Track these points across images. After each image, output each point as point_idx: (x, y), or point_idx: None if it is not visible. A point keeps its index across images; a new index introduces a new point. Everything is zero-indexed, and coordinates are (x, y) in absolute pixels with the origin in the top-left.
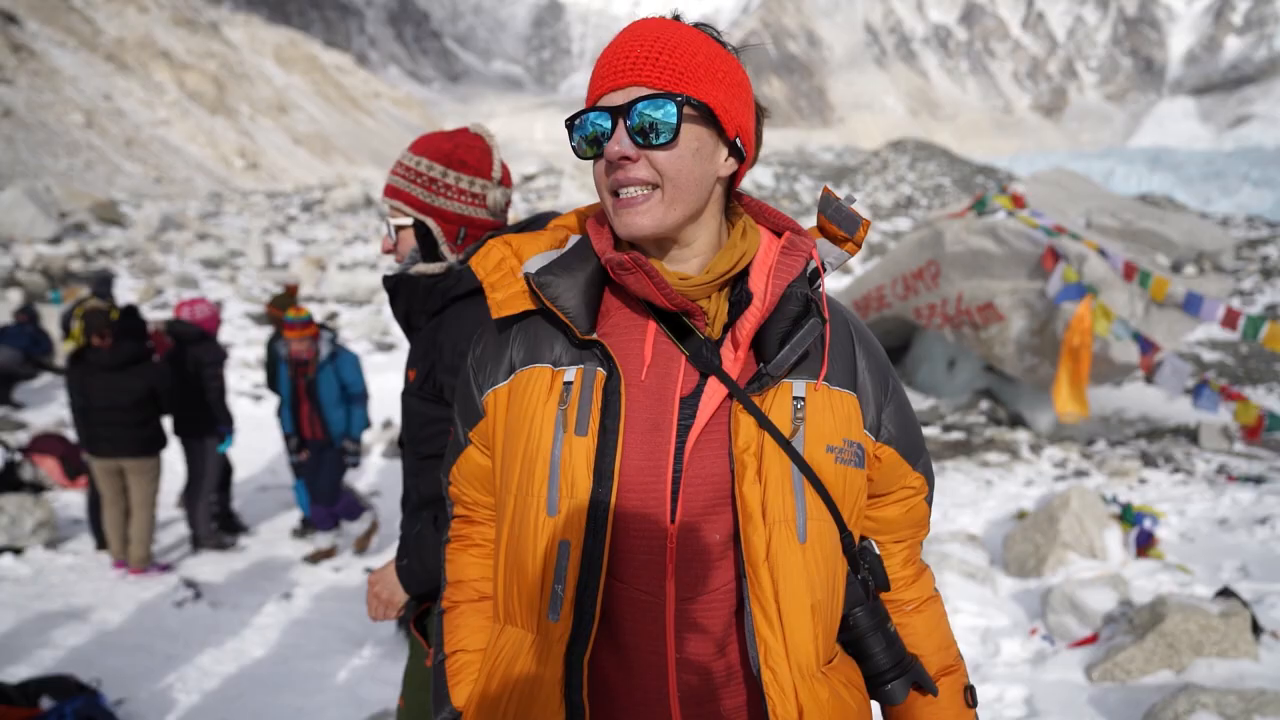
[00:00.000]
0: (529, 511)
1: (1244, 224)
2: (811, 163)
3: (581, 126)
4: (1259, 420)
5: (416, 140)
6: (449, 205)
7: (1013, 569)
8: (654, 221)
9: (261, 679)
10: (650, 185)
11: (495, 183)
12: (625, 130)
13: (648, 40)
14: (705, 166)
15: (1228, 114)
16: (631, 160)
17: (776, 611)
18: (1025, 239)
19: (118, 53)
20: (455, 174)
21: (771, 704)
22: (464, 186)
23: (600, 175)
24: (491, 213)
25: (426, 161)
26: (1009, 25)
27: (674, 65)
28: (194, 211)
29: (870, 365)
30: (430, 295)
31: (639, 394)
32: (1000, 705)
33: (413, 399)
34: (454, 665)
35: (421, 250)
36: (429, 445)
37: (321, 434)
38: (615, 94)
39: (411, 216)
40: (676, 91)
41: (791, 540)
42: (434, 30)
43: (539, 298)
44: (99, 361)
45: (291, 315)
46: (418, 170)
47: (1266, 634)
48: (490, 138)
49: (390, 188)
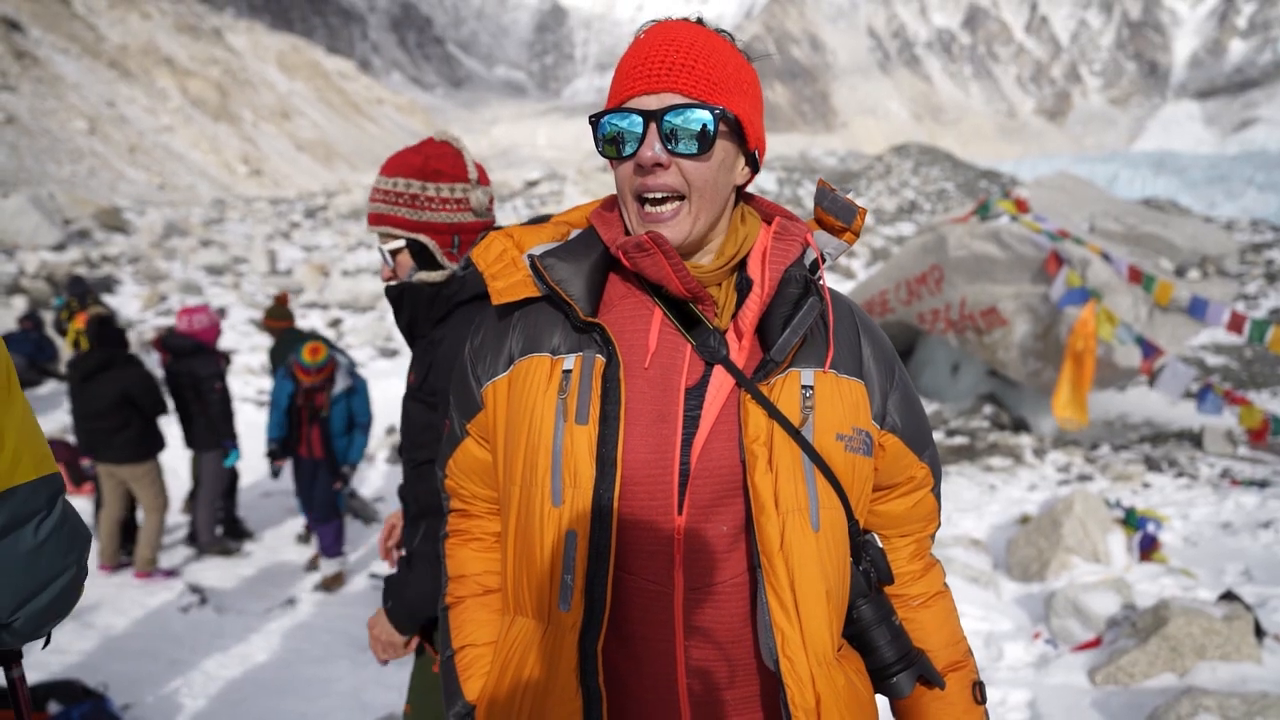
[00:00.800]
0: (534, 502)
1: (1249, 228)
2: (815, 167)
3: (608, 125)
4: (1264, 424)
5: (386, 162)
6: (436, 218)
7: (1016, 573)
8: (681, 234)
9: (266, 684)
10: (677, 195)
11: (474, 184)
12: (658, 135)
13: (682, 46)
14: (727, 177)
15: (1232, 118)
16: (664, 167)
17: (793, 600)
18: (1029, 243)
19: (121, 59)
20: (434, 185)
21: (790, 692)
22: (445, 195)
23: (625, 177)
24: (477, 214)
25: (403, 180)
26: (1012, 29)
27: (708, 75)
28: (197, 218)
29: (875, 353)
30: (434, 303)
31: (642, 383)
32: (1004, 709)
33: (411, 404)
34: (464, 660)
35: (420, 266)
36: (424, 451)
37: (322, 454)
38: (648, 98)
39: (403, 237)
40: (712, 102)
41: (805, 529)
42: (436, 36)
43: (543, 281)
44: (76, 367)
45: (308, 360)
46: (396, 191)
47: (1269, 637)
48: (456, 141)
49: (374, 215)
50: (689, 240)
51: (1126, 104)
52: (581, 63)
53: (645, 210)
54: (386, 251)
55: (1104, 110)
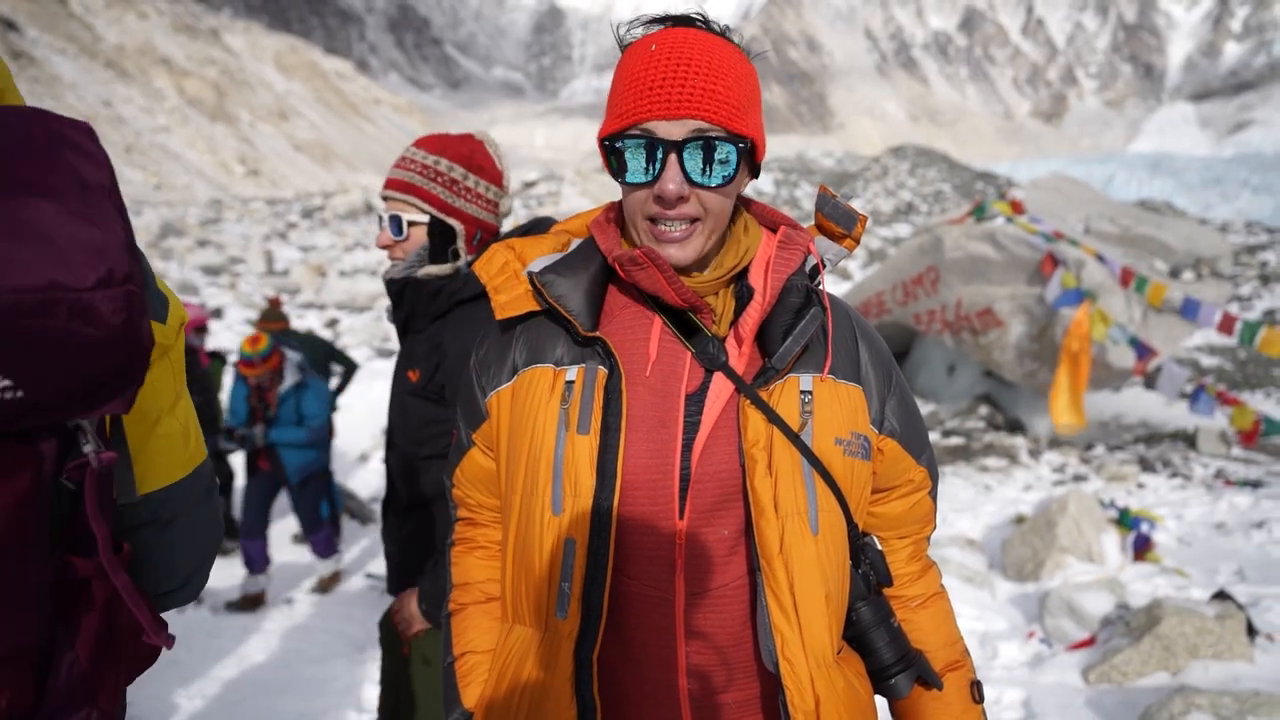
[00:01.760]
0: (534, 511)
1: (1243, 229)
2: (812, 169)
3: (622, 150)
4: (1255, 425)
5: (427, 139)
6: (468, 208)
7: (1011, 573)
8: (695, 254)
9: (263, 683)
10: (692, 219)
11: (506, 191)
12: (680, 167)
13: (701, 67)
14: (737, 193)
15: (1227, 120)
16: (685, 200)
17: (792, 603)
18: (1024, 245)
19: (118, 59)
20: (475, 178)
21: (789, 694)
22: (482, 191)
23: (640, 201)
24: (499, 220)
25: (447, 162)
26: (1009, 32)
27: (730, 99)
28: (194, 218)
29: (873, 358)
30: (436, 298)
31: (644, 391)
32: (998, 708)
33: (413, 399)
34: (464, 667)
35: (432, 250)
36: (431, 445)
37: (269, 466)
38: (668, 125)
39: (429, 214)
40: (735, 131)
41: (805, 532)
42: (434, 37)
43: (542, 297)
44: None
45: (247, 350)
46: (438, 170)
47: (1261, 636)
48: (496, 147)
49: (403, 183)
50: (701, 257)
51: (1122, 106)
52: (579, 64)
53: (657, 228)
54: (404, 220)
55: (1100, 112)
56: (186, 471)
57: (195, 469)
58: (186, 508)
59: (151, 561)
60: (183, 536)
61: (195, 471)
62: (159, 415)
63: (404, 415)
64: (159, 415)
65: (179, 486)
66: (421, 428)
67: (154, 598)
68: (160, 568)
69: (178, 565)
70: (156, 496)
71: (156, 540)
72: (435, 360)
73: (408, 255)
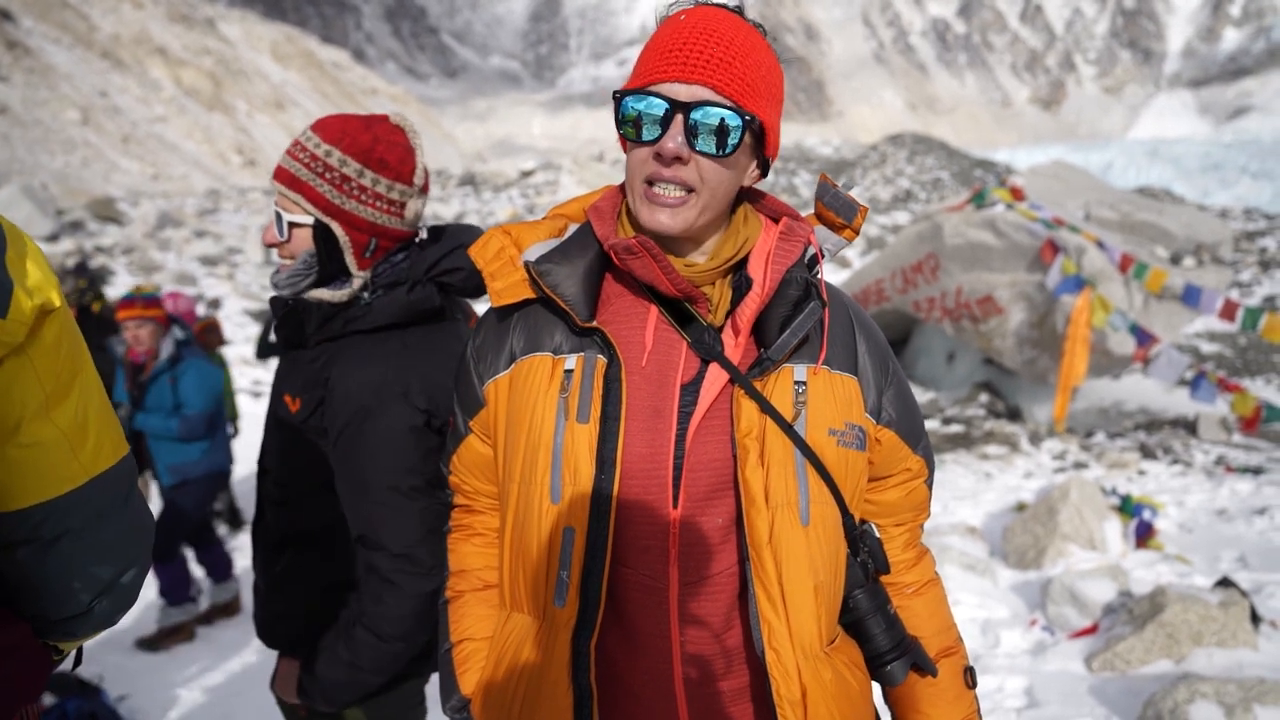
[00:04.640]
0: (533, 499)
1: (1242, 216)
2: (810, 157)
3: (632, 107)
4: (1256, 411)
5: (328, 121)
6: (361, 211)
7: (1012, 561)
8: (683, 225)
9: (263, 675)
10: (687, 188)
11: (416, 190)
12: (683, 129)
13: (723, 39)
14: (738, 179)
15: (1226, 106)
16: (683, 161)
17: (780, 594)
18: (1024, 232)
19: (113, 49)
20: (373, 175)
21: (775, 684)
22: (381, 191)
23: (640, 160)
24: (408, 224)
25: (340, 154)
26: (1007, 18)
27: (745, 76)
28: (192, 208)
29: (870, 349)
30: (330, 322)
31: (640, 380)
32: (1000, 696)
33: (293, 430)
34: (461, 654)
35: (319, 257)
36: (310, 478)
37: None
38: (679, 87)
39: (313, 216)
40: (744, 106)
41: (794, 523)
42: (431, 25)
43: (539, 286)
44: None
45: (133, 290)
46: (327, 164)
47: (1265, 623)
48: (414, 134)
49: (287, 174)
50: (688, 232)
51: (1121, 92)
52: (576, 52)
53: (651, 190)
54: (286, 220)
55: (1098, 98)
56: (77, 483)
57: (95, 478)
58: (83, 523)
59: (33, 585)
60: (77, 556)
61: (95, 481)
62: (18, 422)
63: (279, 445)
64: (18, 422)
65: (66, 500)
66: (296, 459)
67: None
68: (48, 592)
69: (73, 589)
70: (31, 513)
71: (36, 560)
72: (319, 395)
73: (294, 257)
